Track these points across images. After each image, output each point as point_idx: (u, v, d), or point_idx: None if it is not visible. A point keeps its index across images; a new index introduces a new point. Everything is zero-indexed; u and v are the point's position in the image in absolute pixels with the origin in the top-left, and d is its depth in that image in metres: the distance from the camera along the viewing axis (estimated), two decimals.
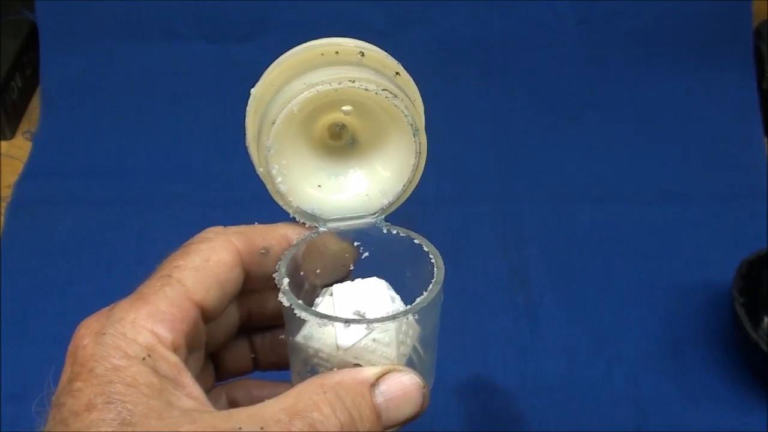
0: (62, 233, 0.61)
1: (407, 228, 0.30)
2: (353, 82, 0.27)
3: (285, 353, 0.29)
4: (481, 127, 0.70)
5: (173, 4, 0.69)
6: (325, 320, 0.26)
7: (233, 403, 0.31)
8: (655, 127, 0.70)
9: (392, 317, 0.26)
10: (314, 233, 0.30)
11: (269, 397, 0.27)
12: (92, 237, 0.60)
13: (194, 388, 0.25)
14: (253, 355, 0.33)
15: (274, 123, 0.27)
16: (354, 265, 0.31)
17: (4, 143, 0.69)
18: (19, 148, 0.68)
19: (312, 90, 0.27)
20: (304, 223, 0.30)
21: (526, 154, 0.68)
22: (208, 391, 0.30)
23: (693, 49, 0.71)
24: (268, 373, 0.33)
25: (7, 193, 0.64)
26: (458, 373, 0.53)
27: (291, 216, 0.30)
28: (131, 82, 0.70)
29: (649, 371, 0.54)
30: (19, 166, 0.66)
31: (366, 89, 0.27)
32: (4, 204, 0.63)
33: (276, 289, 0.27)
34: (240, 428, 0.23)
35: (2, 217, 0.62)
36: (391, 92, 0.27)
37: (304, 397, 0.25)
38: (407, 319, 0.27)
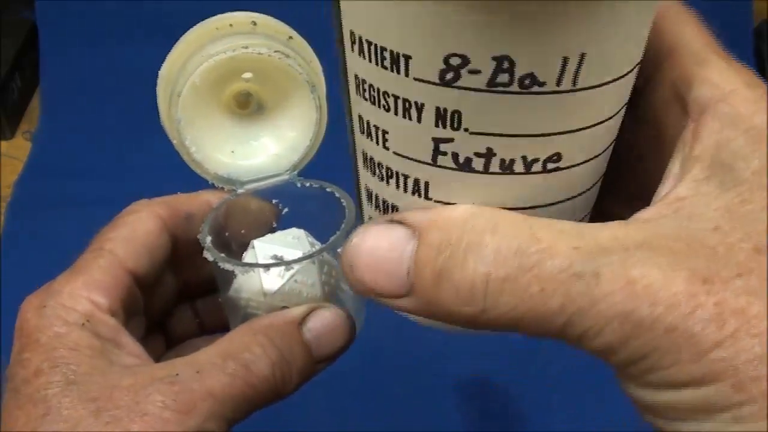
0: (62, 233, 0.61)
1: (321, 180, 0.31)
2: (246, 48, 0.29)
3: (223, 315, 0.31)
4: None
5: (173, 4, 0.69)
6: (246, 267, 0.28)
7: None
8: None
9: (308, 257, 0.28)
10: (233, 195, 0.31)
11: None
12: (92, 237, 0.60)
13: (134, 347, 0.27)
14: (198, 320, 0.34)
15: (180, 95, 0.29)
16: (277, 222, 0.32)
17: (4, 143, 0.69)
18: (19, 148, 0.68)
19: (210, 60, 0.29)
20: (223, 188, 0.32)
21: None
22: (159, 357, 0.32)
23: None
24: None
25: (7, 193, 0.64)
26: (458, 373, 0.53)
27: (210, 182, 0.32)
28: (131, 82, 0.70)
29: None
30: (19, 166, 0.66)
31: (259, 53, 0.29)
32: (4, 204, 0.63)
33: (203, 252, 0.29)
34: (177, 374, 0.25)
35: (2, 217, 0.62)
36: (283, 53, 0.30)
37: (236, 340, 0.26)
38: (323, 257, 0.29)
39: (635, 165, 0.24)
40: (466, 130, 0.19)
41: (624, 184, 0.24)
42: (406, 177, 0.20)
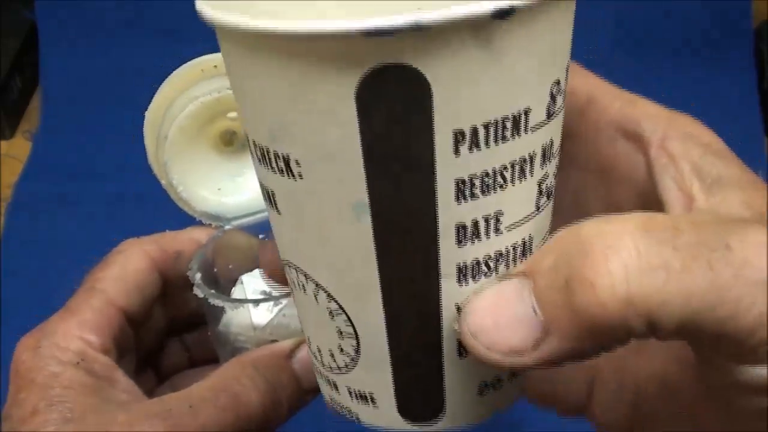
0: (62, 233, 0.61)
1: None
2: (231, 89, 0.29)
3: (215, 347, 0.32)
4: None
5: (173, 4, 0.69)
6: (236, 303, 0.29)
7: None
8: None
9: None
10: (220, 232, 0.32)
11: None
12: (92, 237, 0.60)
13: (127, 384, 0.28)
14: (187, 354, 0.35)
15: (166, 138, 0.30)
16: None
17: (4, 143, 0.69)
18: (19, 148, 0.68)
19: (196, 102, 0.30)
20: (211, 225, 0.33)
21: None
22: (150, 391, 0.32)
23: (693, 49, 0.71)
24: None
25: (7, 193, 0.64)
26: None
27: (197, 219, 0.32)
28: (131, 82, 0.70)
29: None
30: (19, 166, 0.66)
31: None
32: (4, 204, 0.63)
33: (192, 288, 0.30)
34: (170, 409, 0.25)
35: (2, 217, 0.62)
36: None
37: (226, 374, 0.27)
38: None
39: (572, 208, 0.24)
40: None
41: None
42: (515, 245, 0.19)
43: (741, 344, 0.16)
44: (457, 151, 0.17)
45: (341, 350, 0.20)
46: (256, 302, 0.29)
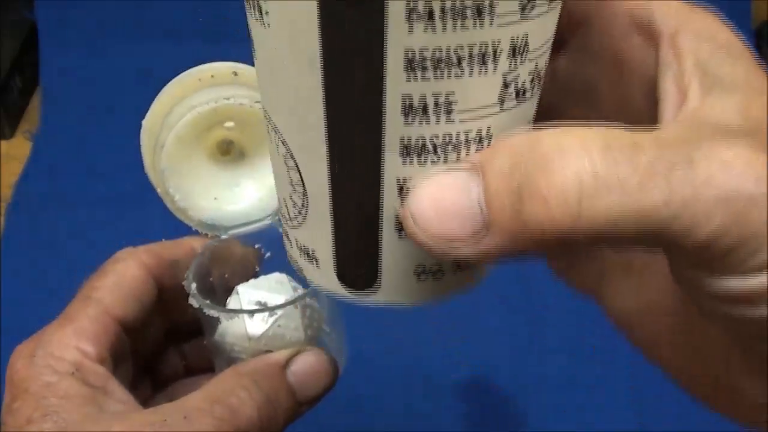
0: (62, 233, 0.61)
1: None
2: (228, 99, 0.30)
3: (210, 356, 0.32)
4: None
5: (173, 4, 0.69)
6: (231, 314, 0.29)
7: None
8: None
9: (291, 302, 0.29)
10: (216, 241, 0.32)
11: None
12: (92, 237, 0.60)
13: (123, 394, 0.28)
14: (184, 362, 0.35)
15: (163, 147, 0.30)
16: (260, 266, 0.33)
17: (4, 143, 0.69)
18: (19, 148, 0.68)
19: (193, 112, 0.30)
20: (207, 234, 0.33)
21: None
22: (146, 401, 0.32)
23: None
24: None
25: (7, 193, 0.64)
26: (458, 373, 0.53)
27: (194, 229, 0.33)
28: (131, 82, 0.70)
29: (649, 371, 0.54)
30: (19, 166, 0.66)
31: (241, 104, 0.30)
32: (4, 204, 0.63)
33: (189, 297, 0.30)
34: (165, 420, 0.25)
35: (2, 217, 0.62)
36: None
37: (221, 385, 0.27)
38: (306, 301, 0.29)
39: (584, 98, 0.23)
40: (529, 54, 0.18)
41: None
42: (468, 136, 0.19)
43: (700, 259, 0.16)
44: (410, 27, 0.17)
45: (293, 202, 0.21)
46: (252, 313, 0.29)
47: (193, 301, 0.29)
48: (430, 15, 0.17)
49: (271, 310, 0.29)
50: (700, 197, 0.16)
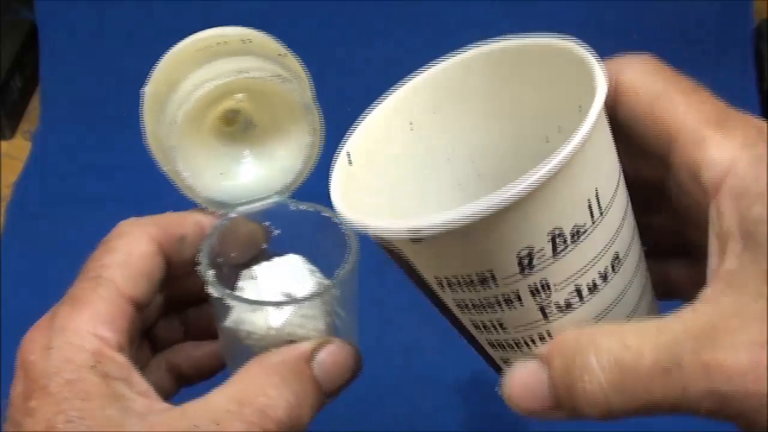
0: (62, 233, 0.61)
1: (314, 203, 0.31)
2: (242, 73, 0.28)
3: (210, 324, 0.30)
4: None
5: (173, 4, 0.69)
6: (256, 305, 0.28)
7: (174, 369, 0.33)
8: None
9: (320, 294, 0.28)
10: (225, 220, 0.31)
11: (207, 356, 0.33)
12: (92, 237, 0.60)
13: (143, 385, 0.26)
14: (183, 327, 0.34)
15: (174, 123, 0.28)
16: (268, 243, 0.32)
17: (4, 143, 0.69)
18: (19, 148, 0.68)
19: (209, 85, 0.28)
20: (214, 212, 0.31)
21: None
22: (146, 363, 0.31)
23: (693, 49, 0.71)
24: None
25: (7, 193, 0.64)
26: (458, 373, 0.53)
27: (200, 205, 0.31)
28: (131, 82, 0.70)
29: None
30: (19, 166, 0.66)
31: (256, 77, 0.28)
32: (4, 204, 0.63)
33: (194, 271, 0.28)
34: (196, 425, 0.24)
35: (2, 217, 0.62)
36: (280, 77, 0.29)
37: (249, 382, 0.26)
38: (332, 293, 0.28)
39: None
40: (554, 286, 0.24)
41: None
42: (532, 337, 0.25)
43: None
44: (442, 289, 0.25)
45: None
46: (278, 305, 0.28)
47: (213, 291, 0.28)
48: (449, 284, 0.24)
49: (299, 302, 0.28)
50: (687, 394, 0.21)
